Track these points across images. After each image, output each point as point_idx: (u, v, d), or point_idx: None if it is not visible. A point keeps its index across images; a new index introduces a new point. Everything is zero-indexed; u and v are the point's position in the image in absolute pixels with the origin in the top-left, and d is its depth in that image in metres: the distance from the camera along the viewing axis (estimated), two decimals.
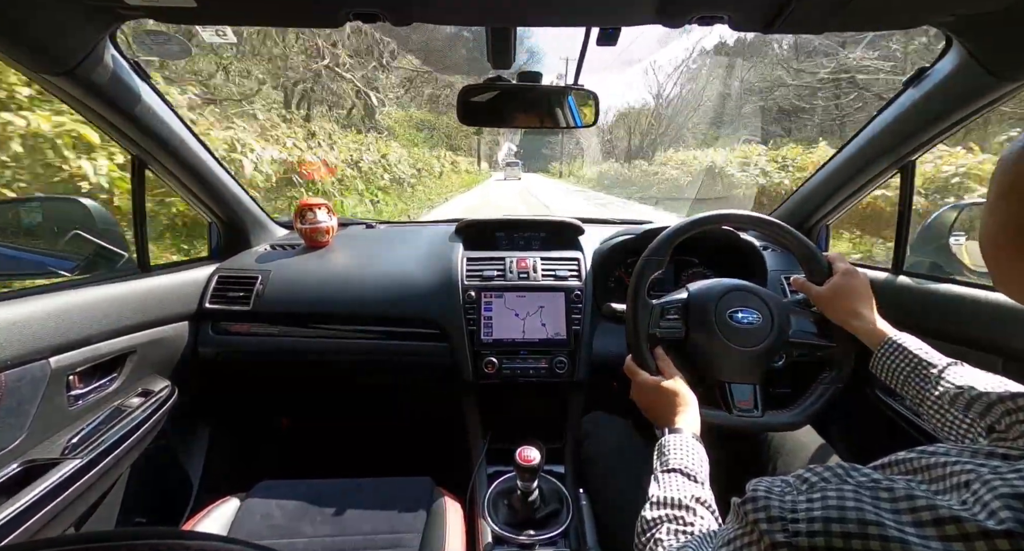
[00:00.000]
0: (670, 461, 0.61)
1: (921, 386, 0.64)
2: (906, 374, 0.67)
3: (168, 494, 1.19)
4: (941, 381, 0.61)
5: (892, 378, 0.70)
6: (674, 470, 0.59)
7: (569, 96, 0.98)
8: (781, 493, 0.31)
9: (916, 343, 0.69)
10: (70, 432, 0.84)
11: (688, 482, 0.57)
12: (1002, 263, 0.36)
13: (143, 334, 1.01)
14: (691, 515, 0.51)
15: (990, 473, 0.24)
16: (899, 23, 0.80)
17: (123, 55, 0.86)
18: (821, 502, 0.27)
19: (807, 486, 0.30)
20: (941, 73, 0.86)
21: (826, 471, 0.30)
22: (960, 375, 0.61)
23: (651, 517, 0.52)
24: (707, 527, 0.50)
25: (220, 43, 5.37)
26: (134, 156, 1.03)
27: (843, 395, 0.84)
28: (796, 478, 0.32)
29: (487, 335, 1.13)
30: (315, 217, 1.32)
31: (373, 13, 0.69)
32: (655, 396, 0.74)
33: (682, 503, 0.53)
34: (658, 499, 0.54)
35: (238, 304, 1.16)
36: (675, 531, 0.49)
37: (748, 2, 0.66)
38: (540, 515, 0.95)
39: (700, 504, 0.53)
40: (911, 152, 1.02)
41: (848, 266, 0.81)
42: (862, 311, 0.77)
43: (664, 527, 0.50)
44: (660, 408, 0.73)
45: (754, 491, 0.32)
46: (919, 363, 0.66)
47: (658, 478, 0.59)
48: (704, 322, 0.82)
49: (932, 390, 0.62)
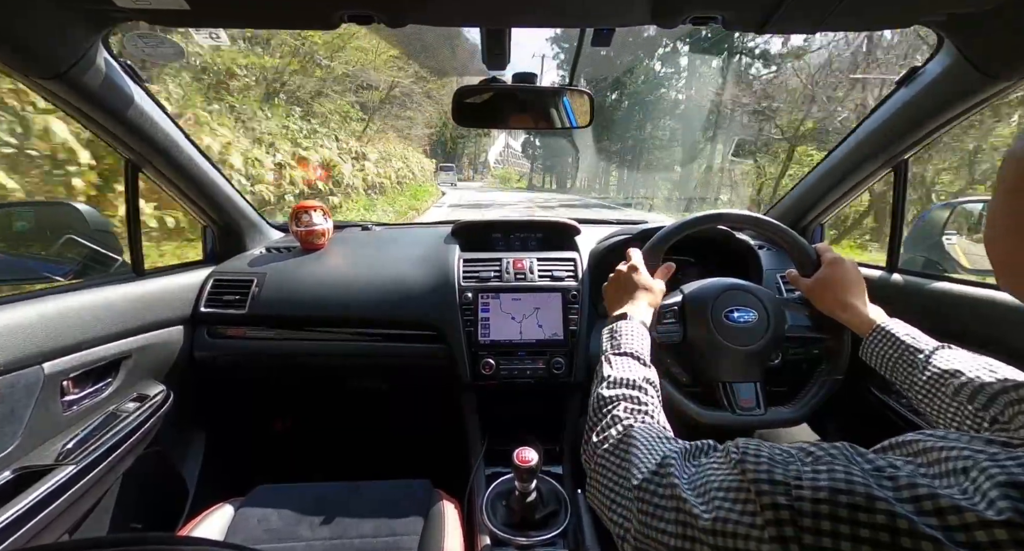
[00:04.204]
0: (622, 345, 0.65)
1: (909, 372, 0.65)
2: (894, 360, 0.67)
3: (164, 499, 1.18)
4: (928, 366, 0.62)
5: (881, 365, 0.70)
6: (626, 353, 0.63)
7: (564, 97, 0.98)
8: (784, 462, 0.31)
9: (903, 328, 0.69)
10: (64, 438, 0.84)
11: (639, 364, 0.62)
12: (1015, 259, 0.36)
13: (138, 338, 1.01)
14: (644, 395, 0.56)
15: (987, 460, 0.24)
16: (890, 23, 0.81)
17: (116, 58, 0.85)
18: (828, 474, 0.28)
19: (812, 459, 0.30)
20: (932, 72, 0.87)
21: (832, 448, 0.31)
22: (946, 359, 0.61)
23: (608, 395, 0.56)
24: (656, 405, 0.56)
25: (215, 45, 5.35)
26: (127, 160, 1.03)
27: (840, 392, 0.84)
28: (799, 450, 0.32)
29: (484, 336, 1.12)
30: (310, 220, 1.31)
31: (367, 15, 0.69)
32: (629, 283, 0.78)
33: (635, 383, 0.57)
34: (613, 379, 0.58)
35: (234, 308, 1.16)
36: (631, 409, 0.53)
37: (742, 2, 0.67)
38: (538, 516, 0.95)
39: (649, 384, 0.59)
40: (903, 151, 1.03)
41: (835, 256, 0.81)
42: (850, 301, 0.76)
43: (621, 405, 0.54)
44: (624, 295, 0.77)
45: (755, 455, 0.33)
46: (906, 349, 0.66)
47: (611, 360, 0.63)
48: (701, 323, 0.82)
49: (920, 375, 0.62)
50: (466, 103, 0.96)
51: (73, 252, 1.11)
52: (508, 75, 0.95)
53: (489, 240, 1.35)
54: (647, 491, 0.39)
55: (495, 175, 53.79)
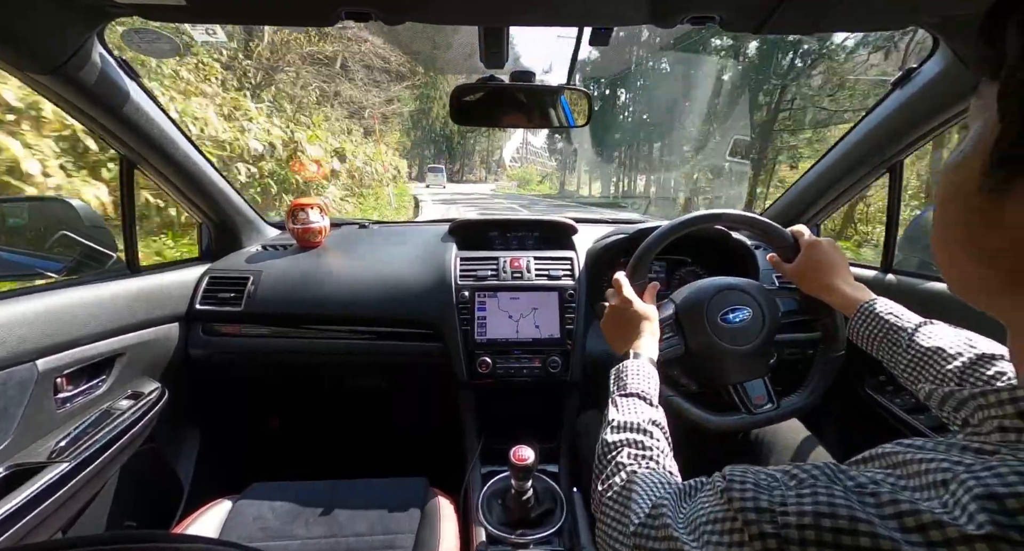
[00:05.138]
0: (628, 386, 0.64)
1: (893, 351, 0.66)
2: (879, 339, 0.68)
3: (158, 497, 1.17)
4: (912, 345, 0.63)
5: (867, 344, 0.71)
6: (632, 394, 0.63)
7: (562, 96, 0.98)
8: (768, 487, 0.31)
9: (887, 307, 0.70)
10: (58, 435, 0.83)
11: (644, 405, 0.61)
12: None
13: (132, 336, 1.00)
14: (649, 438, 0.55)
15: (965, 472, 0.24)
16: (887, 24, 0.81)
17: (111, 53, 0.85)
18: (812, 498, 0.28)
19: (796, 482, 0.30)
20: (928, 75, 0.87)
21: (815, 469, 0.31)
22: (928, 336, 0.62)
23: (612, 440, 0.56)
24: (661, 446, 0.55)
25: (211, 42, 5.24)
26: (123, 156, 1.02)
27: (834, 393, 0.85)
28: (783, 474, 0.32)
29: (481, 335, 1.13)
30: (307, 217, 1.31)
31: (365, 12, 0.69)
32: (625, 319, 0.76)
33: (640, 427, 0.56)
34: (618, 423, 0.58)
35: (229, 305, 1.16)
36: (635, 455, 0.53)
37: (739, 3, 0.67)
38: (534, 514, 0.95)
39: (656, 426, 0.57)
40: (899, 152, 1.03)
41: (812, 238, 0.81)
42: (832, 282, 0.77)
43: (624, 451, 0.53)
44: (627, 331, 0.76)
45: (741, 482, 0.33)
46: (890, 328, 0.67)
47: (617, 402, 0.62)
48: (700, 331, 0.82)
49: (903, 354, 0.64)
50: (464, 101, 0.96)
51: (67, 248, 1.10)
52: (505, 71, 0.95)
53: (486, 239, 1.35)
54: (642, 536, 0.40)
55: (511, 175, 49.01)
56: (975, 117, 0.30)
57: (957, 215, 0.31)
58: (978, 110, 0.30)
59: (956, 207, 0.31)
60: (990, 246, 0.29)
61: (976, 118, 0.30)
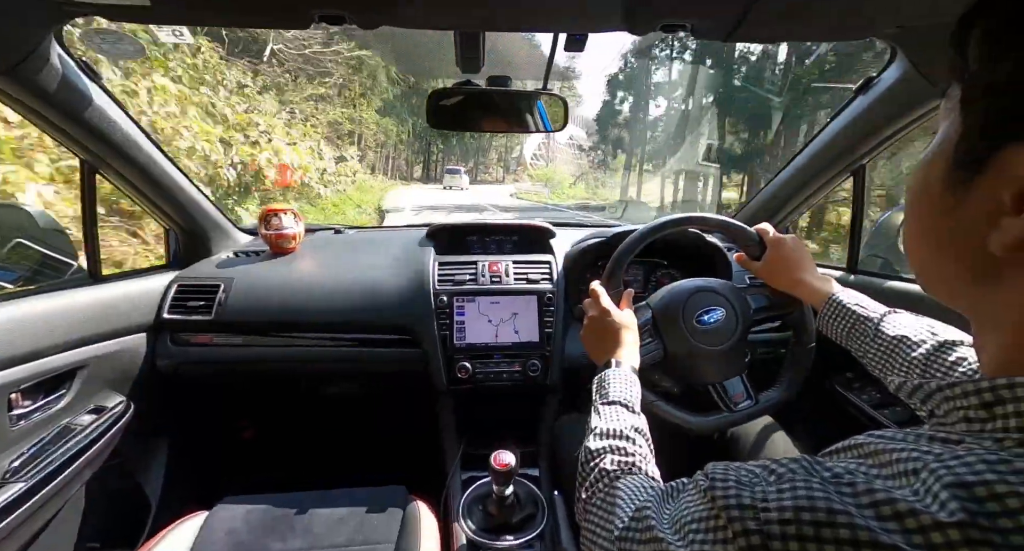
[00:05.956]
0: (610, 394, 0.65)
1: (861, 341, 0.69)
2: (847, 330, 0.72)
3: (125, 515, 1.12)
4: (879, 335, 0.67)
5: (836, 335, 0.74)
6: (614, 402, 0.63)
7: (538, 101, 0.99)
8: (750, 483, 0.32)
9: (854, 298, 0.73)
10: (11, 455, 0.79)
11: (627, 412, 0.62)
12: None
13: (95, 347, 0.96)
14: (631, 444, 0.56)
15: (935, 461, 0.25)
16: (848, 34, 0.85)
17: (70, 54, 0.81)
18: (791, 493, 0.28)
19: (775, 477, 0.31)
20: (887, 82, 0.91)
21: (792, 463, 0.31)
22: (893, 325, 0.66)
23: (595, 447, 0.56)
24: (643, 453, 0.55)
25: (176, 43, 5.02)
26: (83, 160, 0.98)
27: (805, 391, 0.88)
28: (763, 469, 0.33)
29: (460, 340, 1.12)
30: (280, 223, 1.28)
31: (339, 15, 0.68)
32: (605, 328, 0.77)
33: (622, 433, 0.57)
34: (601, 430, 0.58)
35: (199, 314, 1.12)
36: (617, 462, 0.53)
37: (709, 12, 0.69)
38: (516, 519, 0.94)
39: (638, 433, 0.58)
40: (862, 156, 1.08)
41: (777, 236, 0.85)
42: (800, 277, 0.80)
43: (607, 458, 0.54)
44: (606, 341, 0.76)
45: (723, 480, 0.33)
46: (857, 319, 0.71)
47: (599, 410, 0.63)
48: (677, 334, 0.84)
49: (871, 344, 0.68)
50: (441, 106, 0.95)
51: (23, 257, 1.05)
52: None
53: (464, 243, 1.35)
54: (627, 539, 0.40)
55: (534, 175, 40.58)
56: (943, 117, 0.32)
57: (925, 210, 0.33)
58: (946, 111, 0.31)
59: (924, 203, 0.33)
60: (954, 241, 0.31)
61: (944, 118, 0.31)
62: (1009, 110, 0.26)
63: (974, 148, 0.28)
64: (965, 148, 0.29)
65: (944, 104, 0.32)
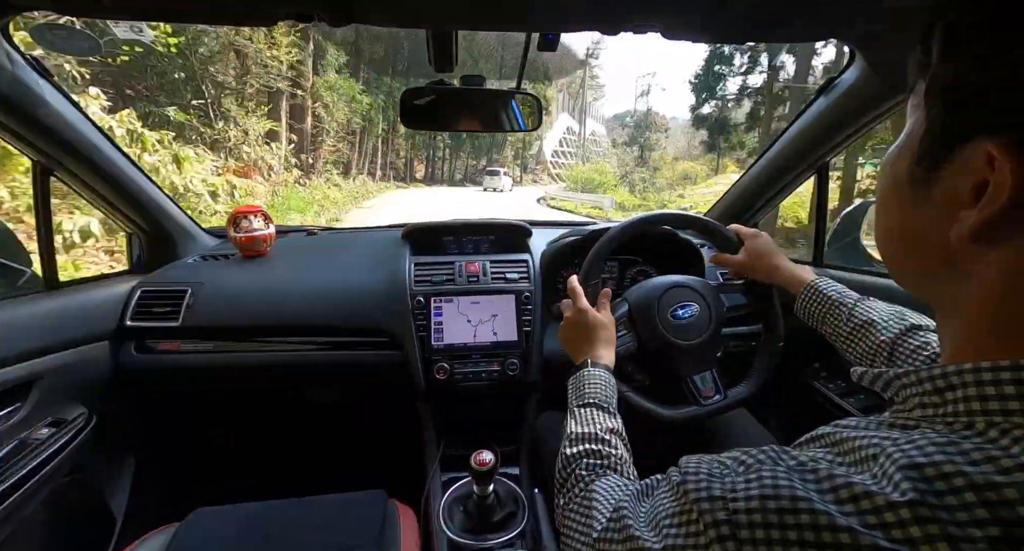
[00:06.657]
0: (586, 395, 0.65)
1: (835, 324, 0.74)
2: (822, 314, 0.76)
3: (88, 533, 1.07)
4: (852, 317, 0.71)
5: (811, 319, 0.79)
6: (589, 404, 0.63)
7: (512, 100, 0.99)
8: (720, 475, 0.33)
9: (831, 285, 0.78)
10: None
11: (602, 414, 0.62)
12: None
13: (52, 358, 0.91)
14: (607, 447, 0.56)
15: (892, 446, 0.27)
16: (808, 36, 0.88)
17: (19, 51, 0.77)
18: (757, 482, 0.29)
19: (744, 468, 0.32)
20: (846, 83, 0.95)
21: (760, 454, 0.32)
22: (866, 310, 0.70)
23: (570, 454, 0.56)
24: (620, 455, 0.55)
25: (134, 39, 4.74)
26: (35, 162, 0.93)
27: (776, 382, 0.91)
28: (733, 460, 0.34)
29: (438, 340, 1.11)
30: (250, 225, 1.24)
31: (309, 13, 0.66)
32: (582, 328, 0.78)
33: (598, 436, 0.57)
34: (576, 435, 0.58)
35: (165, 320, 1.08)
36: (593, 466, 0.53)
37: (677, 13, 0.70)
38: (496, 518, 0.94)
39: (614, 435, 0.58)
40: (824, 155, 1.12)
41: (752, 229, 0.91)
42: (779, 263, 0.86)
43: (583, 462, 0.54)
44: (583, 340, 0.77)
45: (695, 473, 0.34)
46: (833, 303, 0.75)
47: (575, 413, 0.63)
48: (652, 328, 0.86)
49: (844, 326, 0.72)
50: (413, 105, 0.94)
51: None
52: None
53: (440, 243, 1.34)
54: (605, 540, 0.40)
55: (568, 176, 32.00)
56: (909, 114, 0.33)
57: (893, 204, 0.34)
58: (913, 107, 0.32)
59: (892, 198, 0.34)
60: (919, 235, 0.32)
61: (910, 115, 0.32)
62: (967, 106, 0.27)
63: (936, 143, 0.29)
64: (928, 143, 0.30)
65: (911, 101, 0.33)
